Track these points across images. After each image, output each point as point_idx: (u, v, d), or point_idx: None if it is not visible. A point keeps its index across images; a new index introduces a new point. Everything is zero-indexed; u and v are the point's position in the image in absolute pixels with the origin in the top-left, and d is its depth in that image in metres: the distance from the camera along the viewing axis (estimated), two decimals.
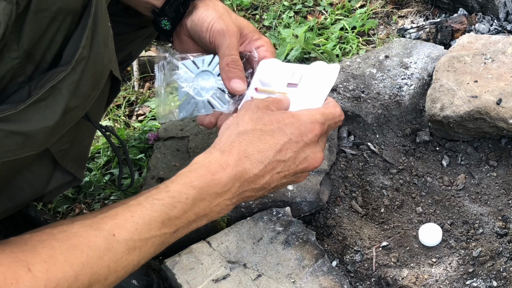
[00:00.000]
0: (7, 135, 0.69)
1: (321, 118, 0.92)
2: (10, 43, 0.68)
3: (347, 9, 1.95)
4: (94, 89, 0.79)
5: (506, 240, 1.22)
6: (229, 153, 0.85)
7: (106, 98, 0.91)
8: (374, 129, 1.45)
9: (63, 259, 0.71)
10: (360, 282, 1.18)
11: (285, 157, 0.88)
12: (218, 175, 0.83)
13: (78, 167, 0.89)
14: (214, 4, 1.05)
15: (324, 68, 1.03)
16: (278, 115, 0.90)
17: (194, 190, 0.81)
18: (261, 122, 0.89)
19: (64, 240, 0.73)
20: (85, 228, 0.75)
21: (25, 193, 0.82)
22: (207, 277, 1.09)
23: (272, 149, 0.87)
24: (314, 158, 0.91)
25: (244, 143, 0.86)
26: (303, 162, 0.91)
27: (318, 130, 0.91)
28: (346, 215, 1.30)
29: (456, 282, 1.17)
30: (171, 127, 1.46)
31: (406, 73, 1.51)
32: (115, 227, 0.75)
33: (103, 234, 0.74)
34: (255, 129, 0.88)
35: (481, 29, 1.73)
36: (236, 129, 0.89)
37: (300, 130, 0.89)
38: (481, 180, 1.36)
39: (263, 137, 0.87)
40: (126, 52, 1.26)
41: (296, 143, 0.89)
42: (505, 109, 1.28)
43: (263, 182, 0.88)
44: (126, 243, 0.76)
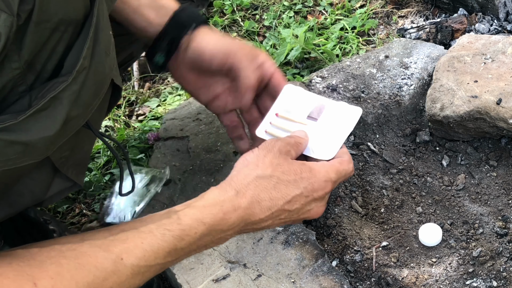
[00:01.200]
0: (7, 145, 0.69)
1: (335, 177, 0.95)
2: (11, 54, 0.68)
3: (347, 9, 1.95)
4: (95, 99, 0.79)
5: (506, 240, 1.22)
6: (243, 195, 0.88)
7: (106, 105, 0.91)
8: (374, 129, 1.45)
9: (70, 277, 0.72)
10: (360, 282, 1.18)
11: (292, 208, 0.92)
12: (229, 215, 0.86)
13: (78, 173, 0.90)
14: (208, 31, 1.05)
15: (346, 109, 1.03)
16: (297, 167, 0.92)
17: (204, 227, 0.84)
18: (280, 169, 0.91)
19: (73, 258, 0.73)
20: (95, 248, 0.76)
21: (25, 199, 0.82)
22: (207, 277, 1.09)
23: (283, 199, 0.90)
24: (317, 211, 0.96)
25: (260, 188, 0.89)
26: (306, 213, 0.95)
27: (329, 188, 0.95)
28: (346, 215, 1.30)
29: (456, 282, 1.17)
30: (171, 127, 1.46)
31: (406, 73, 1.51)
32: (124, 251, 0.77)
33: (111, 256, 0.76)
34: (272, 175, 0.90)
35: (481, 29, 1.73)
36: (255, 171, 0.91)
37: (313, 186, 0.92)
38: (481, 180, 1.36)
39: (278, 185, 0.90)
40: (127, 52, 1.26)
41: (306, 197, 0.92)
42: (505, 109, 1.28)
43: (265, 225, 0.92)
44: (132, 268, 0.77)
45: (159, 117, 1.66)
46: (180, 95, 1.74)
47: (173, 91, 1.77)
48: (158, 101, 1.74)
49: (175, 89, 1.78)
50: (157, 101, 1.74)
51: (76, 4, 0.73)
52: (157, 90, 1.79)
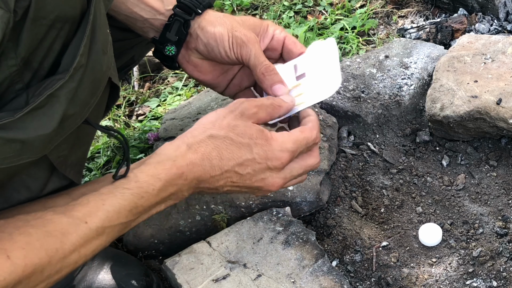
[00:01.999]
0: (5, 143, 0.69)
1: (292, 147, 0.93)
2: (8, 51, 0.68)
3: (347, 9, 1.95)
4: (93, 97, 0.79)
5: (506, 240, 1.22)
6: (195, 151, 0.89)
7: (104, 105, 0.91)
8: (374, 129, 1.45)
9: (40, 246, 0.73)
10: (360, 282, 1.18)
11: (243, 172, 0.92)
12: (181, 169, 0.87)
13: (76, 172, 0.90)
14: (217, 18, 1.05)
15: (321, 46, 1.03)
16: (254, 132, 0.92)
17: (160, 182, 0.85)
18: (235, 131, 0.91)
19: (40, 226, 0.75)
20: (59, 215, 0.77)
21: (21, 195, 0.83)
22: (207, 277, 1.09)
23: (233, 160, 0.90)
24: (271, 183, 0.94)
25: (211, 146, 0.90)
26: (259, 182, 0.94)
27: (286, 159, 0.93)
28: (346, 215, 1.30)
29: (456, 282, 1.16)
30: (171, 127, 1.46)
31: (406, 73, 1.51)
32: (87, 215, 0.79)
33: (75, 221, 0.78)
34: (226, 136, 0.91)
35: (481, 29, 1.73)
36: (210, 130, 0.92)
37: (267, 154, 0.92)
38: (481, 180, 1.36)
39: (230, 146, 0.90)
40: (128, 56, 1.26)
41: (259, 164, 0.92)
42: (505, 109, 1.28)
43: (217, 185, 0.92)
44: (97, 230, 0.79)
45: (159, 117, 1.66)
46: (180, 95, 1.74)
47: (173, 91, 1.77)
48: (158, 101, 1.74)
49: (175, 89, 1.78)
50: (157, 101, 1.73)
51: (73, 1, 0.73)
52: (157, 90, 1.79)
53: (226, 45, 1.02)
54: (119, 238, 1.31)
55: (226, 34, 1.02)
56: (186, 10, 1.04)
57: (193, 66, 1.09)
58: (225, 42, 1.02)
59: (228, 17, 1.05)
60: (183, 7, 1.04)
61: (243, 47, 1.01)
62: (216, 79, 1.10)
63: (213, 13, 1.06)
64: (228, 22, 1.03)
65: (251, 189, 0.95)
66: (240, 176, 0.92)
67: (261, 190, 0.96)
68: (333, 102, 1.45)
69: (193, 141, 0.90)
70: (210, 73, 1.10)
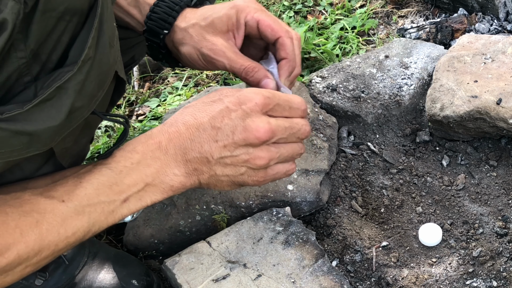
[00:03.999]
0: (13, 135, 0.70)
1: (267, 93, 0.89)
2: (17, 43, 0.68)
3: (347, 9, 1.95)
4: (100, 90, 0.80)
5: (506, 240, 1.22)
6: (170, 124, 0.88)
7: (109, 98, 0.91)
8: (374, 129, 1.45)
9: (14, 225, 0.73)
10: (360, 282, 1.18)
11: (220, 124, 0.86)
12: (157, 138, 0.86)
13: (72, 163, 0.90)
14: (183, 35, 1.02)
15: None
16: (224, 90, 0.90)
17: (138, 154, 0.84)
18: (206, 97, 0.90)
19: (17, 206, 0.75)
20: (36, 195, 0.77)
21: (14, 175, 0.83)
22: (207, 277, 1.09)
23: (207, 116, 0.86)
24: (255, 128, 0.86)
25: (184, 113, 0.88)
26: (242, 132, 0.86)
27: (260, 100, 0.87)
28: (346, 215, 1.30)
29: (456, 282, 1.17)
30: None
31: (406, 73, 1.51)
32: (65, 193, 0.78)
33: (52, 201, 0.77)
34: (197, 103, 0.89)
35: (481, 29, 1.73)
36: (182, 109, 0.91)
37: (239, 99, 0.87)
38: (481, 180, 1.36)
39: (203, 107, 0.88)
40: (129, 56, 1.26)
41: (234, 111, 0.86)
42: (505, 109, 1.28)
43: (203, 150, 0.86)
44: (75, 208, 0.78)
45: (159, 117, 1.66)
46: (180, 95, 1.74)
47: (173, 91, 1.77)
48: (158, 101, 1.74)
49: (175, 89, 1.78)
50: (157, 101, 1.74)
51: None
52: (157, 90, 1.79)
53: (200, 63, 1.02)
54: (119, 239, 1.31)
55: (194, 53, 1.01)
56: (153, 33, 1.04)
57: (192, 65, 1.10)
58: (196, 61, 1.02)
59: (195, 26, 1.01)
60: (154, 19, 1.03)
61: (214, 61, 1.00)
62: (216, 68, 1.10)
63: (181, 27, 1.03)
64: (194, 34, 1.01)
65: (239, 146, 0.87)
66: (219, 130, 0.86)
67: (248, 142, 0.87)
68: (333, 102, 1.45)
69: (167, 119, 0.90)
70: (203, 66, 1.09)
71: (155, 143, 0.85)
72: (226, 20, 1.00)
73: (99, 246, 1.17)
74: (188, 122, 0.87)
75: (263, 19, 0.99)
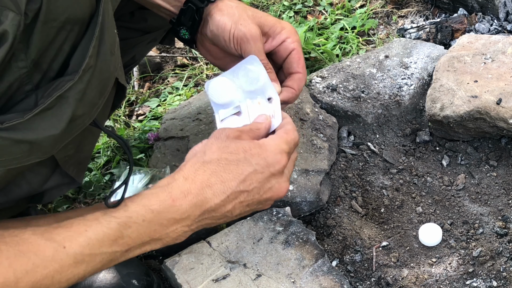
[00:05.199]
0: (14, 144, 0.70)
1: (286, 148, 0.92)
2: (18, 53, 0.69)
3: (347, 9, 1.95)
4: (101, 97, 0.80)
5: (506, 240, 1.22)
6: (192, 181, 0.85)
7: (111, 104, 0.91)
8: (374, 129, 1.45)
9: (8, 264, 0.71)
10: (360, 282, 1.18)
11: (249, 187, 0.88)
12: (179, 201, 0.83)
13: (78, 171, 0.90)
14: (227, 7, 1.04)
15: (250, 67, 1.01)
16: (245, 144, 0.89)
17: (152, 214, 0.81)
18: (227, 150, 0.88)
19: (13, 245, 0.73)
20: (37, 236, 0.75)
21: (22, 189, 0.82)
22: (207, 277, 1.09)
23: (236, 180, 0.87)
24: (279, 189, 0.91)
25: (208, 172, 0.86)
26: (267, 192, 0.91)
27: (285, 160, 0.91)
28: (346, 215, 1.30)
29: (456, 282, 1.17)
30: (171, 127, 1.46)
31: (406, 73, 1.51)
32: (67, 239, 0.75)
33: (53, 244, 0.75)
34: (220, 158, 0.87)
35: (481, 29, 1.73)
36: (202, 157, 0.88)
37: (267, 161, 0.89)
38: (481, 180, 1.36)
39: (228, 166, 0.87)
40: (130, 56, 1.26)
41: (262, 173, 0.89)
42: (505, 109, 1.28)
43: (225, 210, 0.88)
44: (75, 256, 0.76)
45: (159, 117, 1.66)
46: (180, 95, 1.74)
47: (173, 91, 1.77)
48: (158, 101, 1.74)
49: (175, 89, 1.78)
50: (157, 101, 1.73)
51: (82, 3, 0.73)
52: (157, 90, 1.79)
53: (226, 36, 1.02)
54: None
55: (230, 25, 1.02)
56: None
57: (206, 50, 1.10)
58: (226, 32, 1.02)
59: (240, 8, 1.03)
60: None
61: (244, 42, 1.01)
62: (227, 65, 1.10)
63: (228, 2, 1.05)
64: (237, 13, 1.02)
65: (261, 203, 0.92)
66: (247, 193, 0.88)
67: (270, 200, 0.93)
68: (333, 102, 1.45)
69: (189, 172, 0.87)
70: (220, 59, 1.11)
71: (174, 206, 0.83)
72: (270, 26, 1.04)
73: None
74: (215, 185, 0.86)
75: (298, 50, 1.05)
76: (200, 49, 1.11)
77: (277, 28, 1.05)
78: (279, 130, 0.96)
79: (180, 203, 0.83)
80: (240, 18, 1.02)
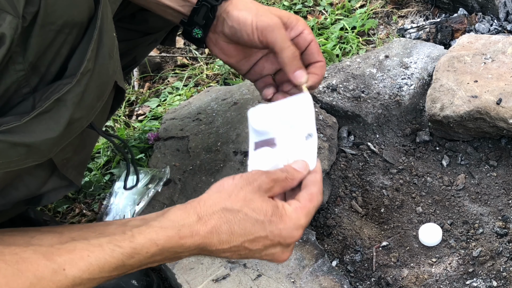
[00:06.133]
0: (11, 147, 0.69)
1: (305, 221, 0.90)
2: (16, 56, 0.68)
3: (347, 9, 1.95)
4: (99, 101, 0.79)
5: (506, 240, 1.22)
6: (205, 223, 0.85)
7: (109, 107, 0.91)
8: (374, 129, 1.45)
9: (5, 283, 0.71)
10: (360, 282, 1.18)
11: (253, 247, 0.88)
12: (185, 240, 0.84)
13: (77, 174, 0.90)
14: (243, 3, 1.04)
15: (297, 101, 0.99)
16: (269, 208, 0.88)
17: (157, 248, 0.82)
18: (250, 206, 0.87)
19: (12, 263, 0.72)
20: (38, 255, 0.74)
21: (19, 192, 0.82)
22: (207, 277, 1.09)
23: (244, 237, 0.87)
24: (281, 257, 0.91)
25: (223, 220, 0.86)
26: (268, 256, 0.90)
27: (300, 235, 0.90)
28: (346, 215, 1.30)
29: (456, 282, 1.17)
30: (171, 127, 1.46)
31: (406, 73, 1.51)
32: (68, 262, 0.75)
33: (53, 266, 0.74)
34: (240, 211, 0.87)
35: (481, 29, 1.73)
36: (225, 201, 0.88)
37: (281, 234, 0.88)
38: (481, 180, 1.36)
39: (244, 223, 0.87)
40: (130, 57, 1.26)
41: (271, 241, 0.88)
42: (505, 109, 1.28)
43: (223, 255, 0.89)
44: (74, 279, 0.76)
45: (159, 117, 1.66)
46: (180, 95, 1.74)
47: (173, 91, 1.77)
48: (158, 101, 1.74)
49: (175, 89, 1.78)
50: (157, 101, 1.74)
51: (80, 7, 0.73)
52: (157, 90, 1.79)
53: (249, 28, 1.02)
54: None
55: (250, 18, 1.02)
56: None
57: (219, 49, 1.09)
58: (248, 26, 1.02)
59: (255, 3, 1.04)
60: None
61: (268, 31, 1.00)
62: (239, 62, 1.10)
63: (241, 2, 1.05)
64: (254, 7, 1.03)
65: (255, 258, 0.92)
66: (249, 251, 0.88)
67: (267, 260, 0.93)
68: (333, 102, 1.45)
69: (205, 212, 0.86)
70: (234, 57, 1.10)
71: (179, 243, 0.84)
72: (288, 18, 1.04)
73: None
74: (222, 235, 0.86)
75: (315, 41, 1.05)
76: (213, 48, 1.10)
77: (293, 20, 1.05)
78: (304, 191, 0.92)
79: (185, 241, 0.84)
80: (258, 10, 1.03)
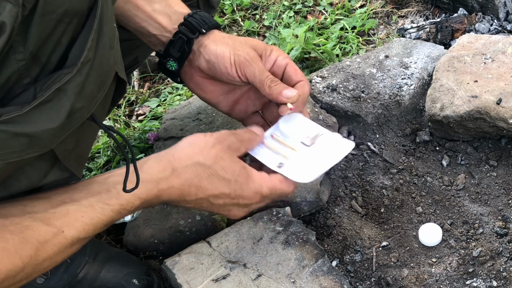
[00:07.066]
0: (12, 137, 0.70)
1: (267, 192, 1.00)
2: (16, 45, 0.69)
3: (347, 9, 1.95)
4: (100, 91, 0.80)
5: (506, 240, 1.22)
6: (178, 176, 0.95)
7: (110, 99, 0.91)
8: (374, 129, 1.46)
9: (14, 252, 0.76)
10: (360, 282, 1.18)
11: (215, 202, 0.98)
12: (161, 193, 0.94)
13: (78, 165, 0.90)
14: (220, 37, 1.06)
15: (339, 141, 1.05)
16: (237, 168, 0.98)
17: (139, 201, 0.91)
18: (220, 163, 0.97)
19: (17, 233, 0.78)
20: (37, 222, 0.81)
21: (21, 184, 0.83)
22: (207, 277, 1.09)
23: (209, 191, 0.97)
24: (234, 214, 1.02)
25: (195, 173, 0.96)
26: (225, 211, 1.01)
27: (256, 200, 1.00)
28: (346, 215, 1.30)
29: (456, 282, 1.17)
30: (171, 127, 1.46)
31: (406, 73, 1.51)
32: (65, 224, 0.82)
33: (53, 230, 0.81)
34: (211, 167, 0.96)
35: (481, 29, 1.73)
36: (198, 156, 0.97)
37: (242, 193, 0.98)
38: (481, 180, 1.36)
39: (212, 178, 0.96)
40: (132, 57, 1.26)
41: (232, 199, 0.99)
42: (505, 109, 1.28)
43: (188, 206, 1.00)
44: (72, 239, 0.83)
45: (159, 117, 1.66)
46: (180, 95, 1.74)
47: (173, 91, 1.77)
48: (158, 101, 1.74)
49: (175, 89, 1.78)
50: (157, 101, 1.74)
51: None
52: (157, 90, 1.79)
53: (227, 62, 1.03)
54: (119, 239, 1.31)
55: (228, 52, 1.04)
56: (191, 28, 1.05)
57: (194, 84, 1.11)
58: (226, 59, 1.03)
59: (232, 37, 1.07)
60: (188, 26, 1.05)
61: (246, 66, 1.03)
62: (217, 97, 1.11)
63: (218, 34, 1.07)
64: (230, 42, 1.05)
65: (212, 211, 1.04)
66: (210, 204, 0.98)
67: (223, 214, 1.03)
68: (333, 102, 1.45)
69: (179, 165, 0.95)
70: (210, 92, 1.11)
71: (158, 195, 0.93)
72: (263, 48, 1.07)
73: (100, 245, 1.18)
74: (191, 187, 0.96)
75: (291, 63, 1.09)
76: (188, 82, 1.11)
77: (267, 51, 1.08)
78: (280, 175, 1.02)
79: (162, 194, 0.94)
80: (235, 44, 1.05)
